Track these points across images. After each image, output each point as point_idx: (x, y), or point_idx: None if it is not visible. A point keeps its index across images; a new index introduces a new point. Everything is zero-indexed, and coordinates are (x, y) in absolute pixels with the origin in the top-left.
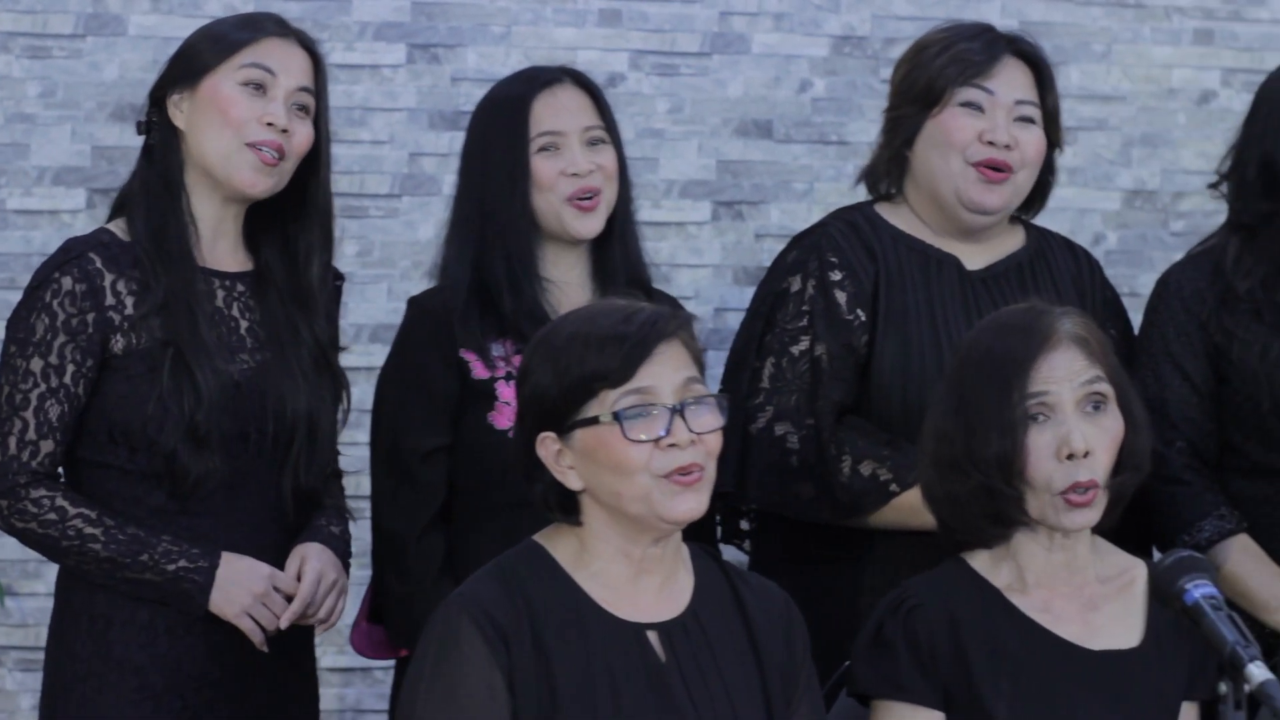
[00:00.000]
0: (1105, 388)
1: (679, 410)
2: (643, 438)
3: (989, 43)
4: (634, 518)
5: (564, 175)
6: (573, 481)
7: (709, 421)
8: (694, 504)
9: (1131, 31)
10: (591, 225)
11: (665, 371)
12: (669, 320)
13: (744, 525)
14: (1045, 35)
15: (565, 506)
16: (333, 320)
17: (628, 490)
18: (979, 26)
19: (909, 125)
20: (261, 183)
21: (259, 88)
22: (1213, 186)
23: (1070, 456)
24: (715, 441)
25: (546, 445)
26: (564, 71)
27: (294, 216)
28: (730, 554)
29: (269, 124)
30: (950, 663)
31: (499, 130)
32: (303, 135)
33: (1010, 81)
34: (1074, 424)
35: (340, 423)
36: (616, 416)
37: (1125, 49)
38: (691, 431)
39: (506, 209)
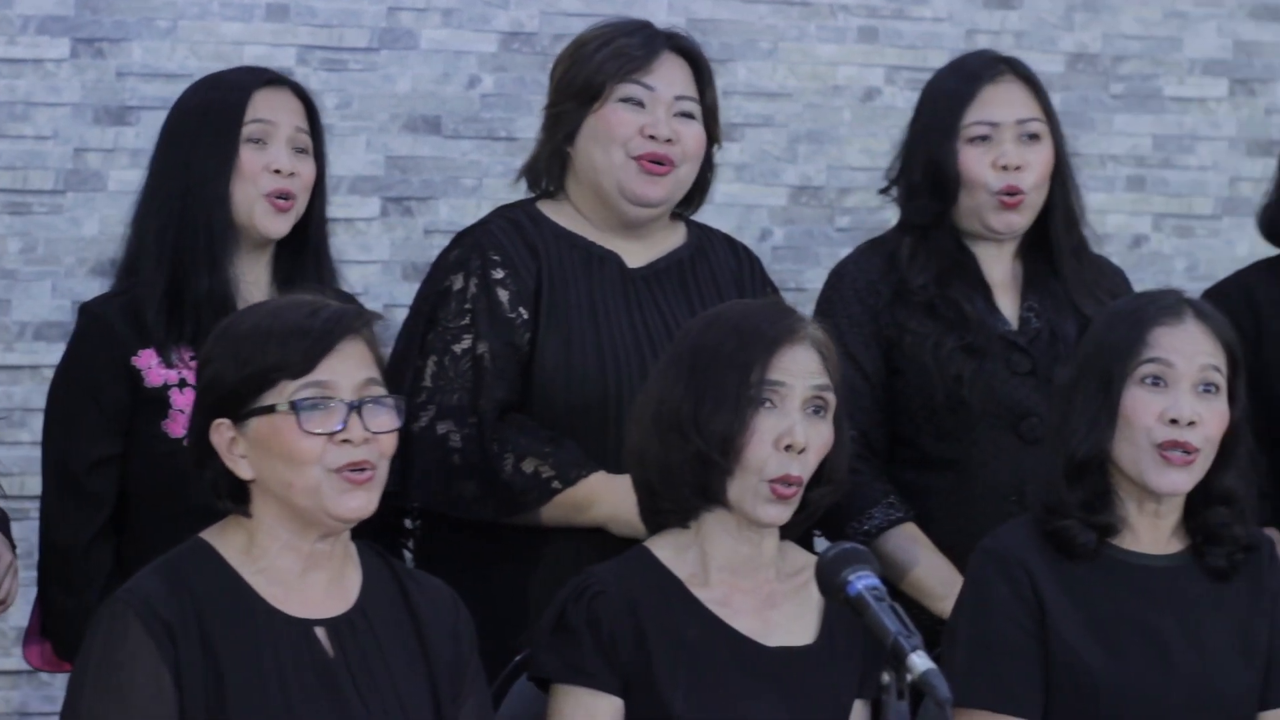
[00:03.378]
0: (830, 397)
1: (356, 407)
2: (318, 430)
3: (648, 39)
4: (302, 511)
5: (266, 170)
6: (244, 471)
7: (385, 422)
8: (362, 502)
9: (797, 29)
10: (280, 226)
11: (346, 368)
12: (354, 318)
13: (408, 524)
14: (712, 32)
15: (236, 495)
16: None
17: (299, 482)
18: (638, 23)
19: (569, 121)
20: None
21: None
22: (883, 191)
23: (789, 448)
24: (390, 442)
25: (220, 432)
26: (289, 80)
27: None
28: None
29: None
30: (631, 650)
31: (213, 114)
32: None
33: (670, 77)
34: (798, 419)
35: None
36: (294, 406)
37: (791, 46)
38: (367, 430)
39: (210, 195)
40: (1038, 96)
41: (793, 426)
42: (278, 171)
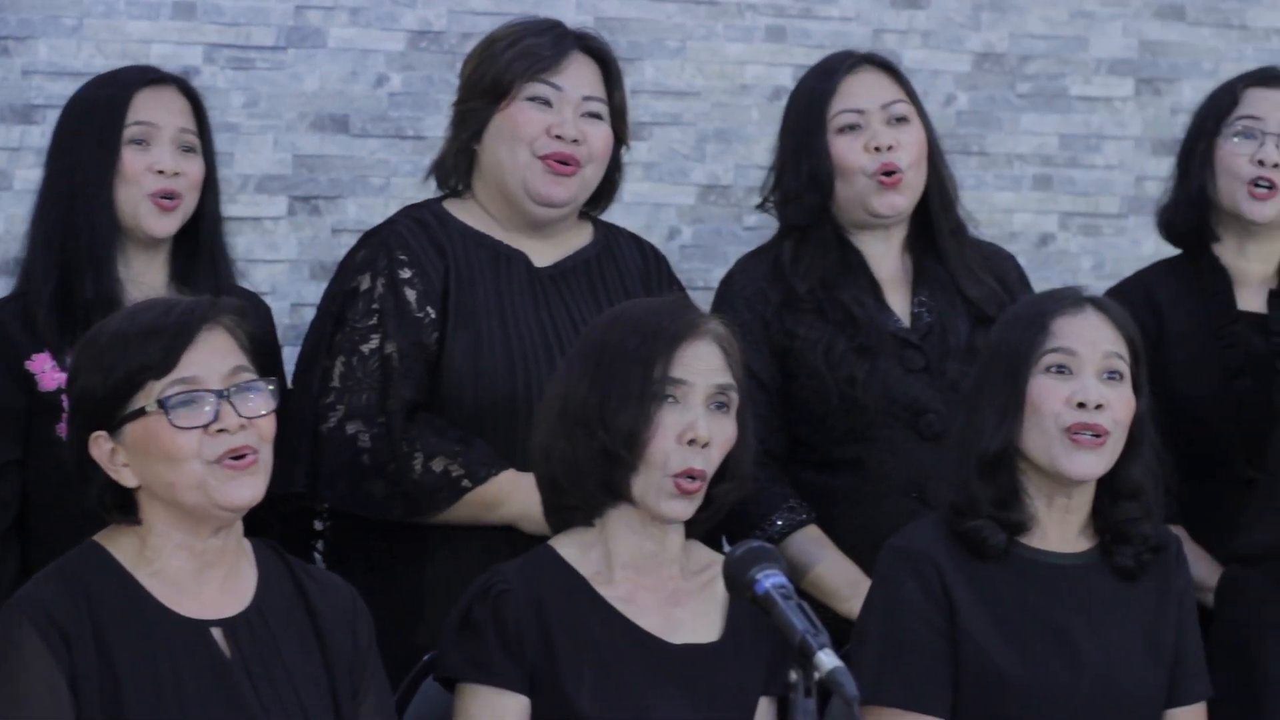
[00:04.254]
0: (733, 394)
1: (226, 396)
2: (190, 425)
3: (558, 39)
4: (190, 508)
5: (150, 171)
6: (128, 479)
7: (259, 406)
8: (249, 489)
9: (705, 28)
10: (166, 225)
11: (210, 360)
12: (209, 308)
13: (318, 525)
14: (620, 31)
15: (123, 506)
16: None
17: (181, 480)
18: (548, 22)
19: (477, 118)
20: None
21: None
22: (760, 206)
23: (692, 442)
24: (267, 426)
25: (99, 444)
26: (174, 77)
27: None
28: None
29: None
30: (536, 648)
31: (96, 116)
32: None
33: (578, 77)
34: (700, 413)
35: None
36: (162, 405)
37: (699, 45)
38: (241, 416)
39: (94, 197)
40: (899, 82)
41: (695, 421)
42: (161, 172)
